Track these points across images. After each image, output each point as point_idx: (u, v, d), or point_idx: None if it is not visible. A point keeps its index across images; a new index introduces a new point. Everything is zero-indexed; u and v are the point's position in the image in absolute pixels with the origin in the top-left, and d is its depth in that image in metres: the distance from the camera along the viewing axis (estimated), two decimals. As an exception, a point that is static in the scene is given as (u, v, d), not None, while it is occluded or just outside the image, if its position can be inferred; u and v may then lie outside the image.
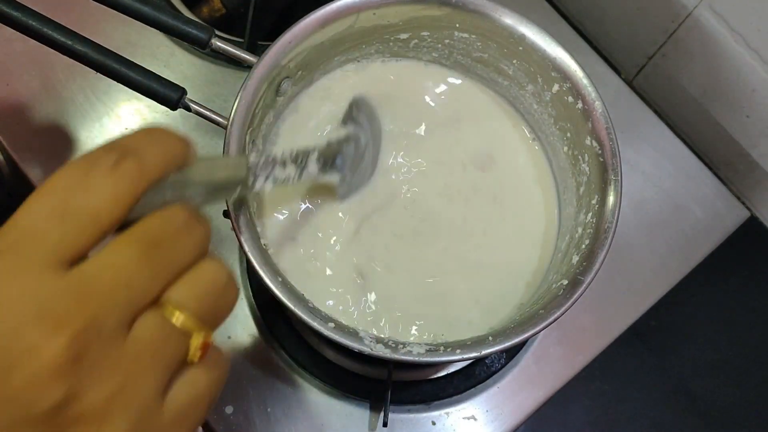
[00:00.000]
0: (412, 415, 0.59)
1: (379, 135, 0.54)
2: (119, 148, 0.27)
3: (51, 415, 0.23)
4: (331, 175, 0.47)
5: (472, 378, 0.60)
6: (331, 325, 0.44)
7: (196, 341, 0.27)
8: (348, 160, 0.48)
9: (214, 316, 0.28)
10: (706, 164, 0.70)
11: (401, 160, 0.55)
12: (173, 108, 0.49)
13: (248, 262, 0.44)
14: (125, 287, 0.25)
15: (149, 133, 0.28)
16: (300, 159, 0.43)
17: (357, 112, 0.51)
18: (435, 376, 0.60)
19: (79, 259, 0.25)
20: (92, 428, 0.24)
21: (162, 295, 0.26)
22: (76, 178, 0.26)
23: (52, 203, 0.25)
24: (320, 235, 0.52)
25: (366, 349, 0.43)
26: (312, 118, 0.54)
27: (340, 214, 0.52)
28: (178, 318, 0.26)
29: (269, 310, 0.60)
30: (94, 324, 0.24)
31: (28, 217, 0.25)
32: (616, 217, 0.48)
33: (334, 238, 0.52)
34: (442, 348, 0.44)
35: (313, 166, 0.44)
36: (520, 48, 0.52)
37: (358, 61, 0.56)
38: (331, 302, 0.50)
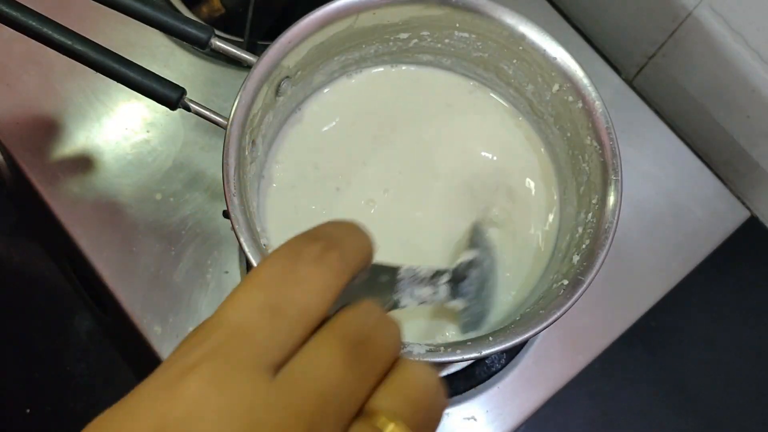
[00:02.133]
0: (412, 416, 0.59)
1: (496, 263, 0.52)
2: (322, 238, 0.25)
3: None
4: (457, 301, 0.45)
5: (472, 378, 0.60)
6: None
7: None
8: (474, 285, 0.47)
9: (429, 424, 0.25)
10: (706, 164, 0.70)
11: (402, 160, 0.55)
12: (173, 108, 0.49)
13: (248, 262, 0.44)
14: (335, 394, 0.22)
15: (346, 226, 0.27)
16: (435, 279, 0.41)
17: (478, 237, 0.50)
18: (435, 377, 0.60)
19: (287, 359, 0.23)
20: None
21: (368, 402, 0.23)
22: (282, 270, 0.23)
23: (262, 298, 0.23)
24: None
25: (366, 349, 0.43)
26: (318, 129, 0.55)
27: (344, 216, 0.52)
28: (393, 428, 0.23)
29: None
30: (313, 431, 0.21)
31: (236, 313, 0.23)
32: (616, 217, 0.48)
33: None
34: (442, 348, 0.44)
35: (443, 289, 0.43)
36: (520, 48, 0.52)
37: (360, 71, 0.56)
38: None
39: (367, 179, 0.54)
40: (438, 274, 0.42)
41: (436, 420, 0.25)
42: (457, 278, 0.45)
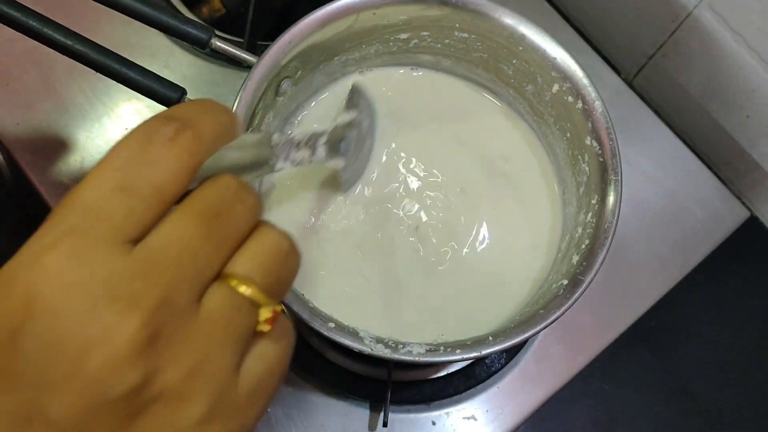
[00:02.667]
0: (412, 415, 0.59)
1: (375, 122, 0.54)
2: (175, 119, 0.26)
3: (130, 397, 0.23)
4: (336, 160, 0.46)
5: (472, 378, 0.60)
6: (331, 325, 0.44)
7: (265, 313, 0.26)
8: (351, 145, 0.48)
9: (280, 285, 0.27)
10: (706, 164, 0.70)
11: (404, 161, 0.55)
12: (173, 108, 0.49)
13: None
14: (192, 261, 0.24)
15: (202, 105, 0.28)
16: (311, 142, 0.43)
17: (358, 98, 0.51)
18: (435, 376, 0.60)
19: (143, 234, 0.24)
20: (172, 407, 0.24)
21: (225, 267, 0.26)
22: (136, 151, 0.25)
23: (116, 178, 0.24)
24: (317, 232, 0.52)
25: (366, 349, 0.43)
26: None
27: (342, 215, 0.52)
28: (245, 290, 0.25)
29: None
30: (166, 301, 0.23)
31: (91, 193, 0.24)
32: (616, 217, 0.48)
33: (335, 237, 0.52)
34: (442, 348, 0.44)
35: (321, 150, 0.43)
36: (520, 48, 0.52)
37: (361, 72, 0.56)
38: (328, 300, 0.50)
39: (368, 180, 0.54)
40: (315, 136, 0.43)
41: (289, 277, 0.28)
42: (335, 139, 0.45)
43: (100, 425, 0.23)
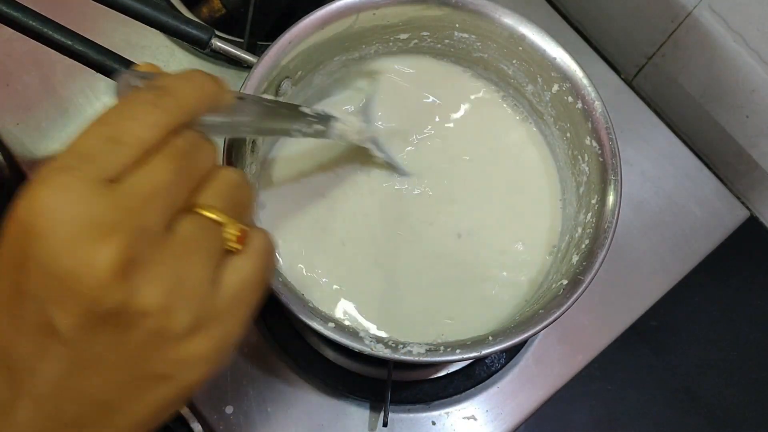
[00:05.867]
0: (412, 415, 0.59)
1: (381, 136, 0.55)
2: (158, 87, 0.31)
3: (118, 311, 0.27)
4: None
5: (472, 378, 0.60)
6: (331, 325, 0.44)
7: (231, 230, 0.31)
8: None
9: (239, 208, 0.32)
10: (706, 164, 0.70)
11: (405, 160, 0.55)
12: (173, 108, 0.49)
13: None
14: (164, 194, 0.28)
15: (185, 75, 0.32)
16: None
17: (371, 111, 0.54)
18: (435, 376, 0.60)
19: (125, 175, 0.28)
20: (159, 320, 0.28)
21: (191, 200, 0.30)
22: (124, 111, 0.29)
23: (105, 130, 0.29)
24: (321, 231, 0.52)
25: (366, 349, 0.43)
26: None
27: (341, 213, 0.52)
28: (209, 214, 0.30)
29: (269, 310, 0.60)
30: (141, 229, 0.27)
31: (84, 143, 0.28)
32: (616, 217, 0.48)
33: (335, 235, 0.52)
34: (442, 348, 0.44)
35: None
36: (520, 48, 0.52)
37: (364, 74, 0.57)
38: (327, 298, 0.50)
39: (368, 179, 0.54)
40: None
41: (245, 202, 0.33)
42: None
43: (98, 335, 0.27)
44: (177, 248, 0.29)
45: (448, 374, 0.60)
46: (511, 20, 0.52)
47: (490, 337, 0.45)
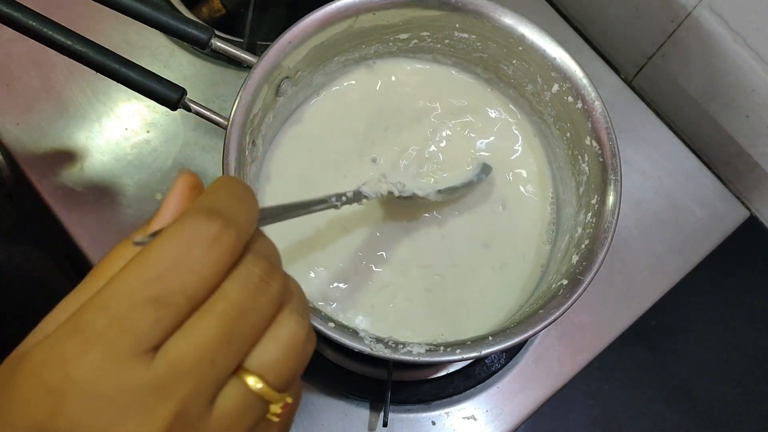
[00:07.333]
0: (412, 415, 0.59)
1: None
2: (217, 215, 0.25)
3: None
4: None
5: (472, 378, 0.60)
6: (331, 325, 0.44)
7: (276, 408, 0.27)
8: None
9: (293, 378, 0.27)
10: (706, 164, 0.70)
11: (405, 160, 0.55)
12: (173, 108, 0.49)
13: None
14: (210, 367, 0.24)
15: (234, 192, 0.27)
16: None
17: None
18: (435, 376, 0.60)
19: (167, 338, 0.24)
20: None
21: (242, 360, 0.26)
22: (175, 256, 0.24)
23: (150, 288, 0.24)
24: (321, 230, 0.52)
25: (366, 349, 0.43)
26: (318, 129, 0.55)
27: (341, 212, 0.52)
28: (259, 388, 0.26)
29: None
30: (183, 411, 0.24)
31: (122, 301, 0.24)
32: (615, 217, 0.48)
33: (334, 235, 0.52)
34: (442, 348, 0.44)
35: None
36: (520, 48, 0.52)
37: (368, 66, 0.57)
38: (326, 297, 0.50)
39: (367, 178, 0.54)
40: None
41: (301, 369, 0.27)
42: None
43: None
44: (217, 427, 0.25)
45: (448, 374, 0.60)
46: (511, 20, 0.52)
47: (490, 337, 0.45)
